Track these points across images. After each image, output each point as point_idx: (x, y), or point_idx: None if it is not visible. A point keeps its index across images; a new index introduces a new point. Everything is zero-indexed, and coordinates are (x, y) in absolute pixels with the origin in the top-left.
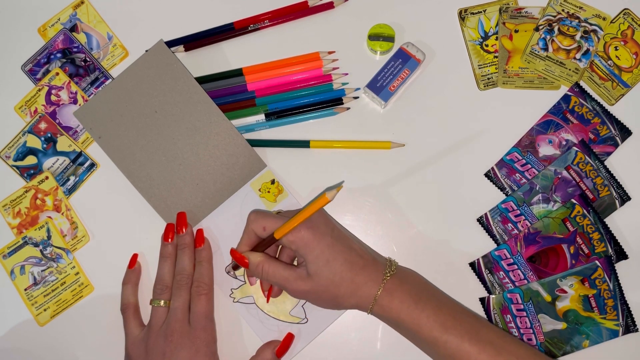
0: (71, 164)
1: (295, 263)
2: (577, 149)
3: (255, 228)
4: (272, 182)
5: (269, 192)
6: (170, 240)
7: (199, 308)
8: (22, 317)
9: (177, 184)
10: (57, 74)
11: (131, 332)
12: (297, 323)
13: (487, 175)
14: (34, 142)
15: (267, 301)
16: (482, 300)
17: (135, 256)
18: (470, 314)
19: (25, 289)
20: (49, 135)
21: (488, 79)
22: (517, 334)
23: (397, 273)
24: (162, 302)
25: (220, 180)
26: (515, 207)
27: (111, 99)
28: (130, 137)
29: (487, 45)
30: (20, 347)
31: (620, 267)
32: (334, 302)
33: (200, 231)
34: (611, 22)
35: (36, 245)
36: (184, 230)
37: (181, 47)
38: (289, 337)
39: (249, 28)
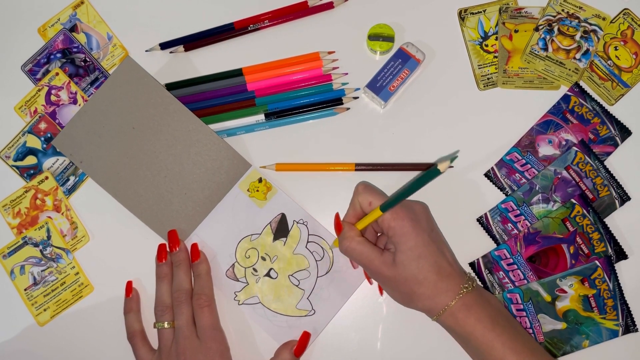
0: (71, 164)
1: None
2: (576, 149)
3: (361, 200)
4: (260, 180)
5: (257, 190)
6: (164, 260)
7: (203, 321)
8: (22, 317)
9: (165, 196)
10: (57, 74)
11: (143, 359)
12: (305, 316)
13: (487, 175)
14: (34, 142)
15: (370, 283)
16: None
17: (129, 284)
18: (545, 352)
19: (25, 289)
20: (49, 135)
21: (488, 79)
22: None
23: (478, 291)
24: (165, 324)
25: (208, 186)
26: (515, 207)
27: (87, 122)
28: (112, 157)
29: (487, 45)
30: (20, 347)
31: (620, 267)
32: (408, 297)
33: (194, 245)
34: (611, 22)
35: (36, 245)
36: (176, 248)
37: (181, 47)
38: (306, 336)
39: (249, 28)
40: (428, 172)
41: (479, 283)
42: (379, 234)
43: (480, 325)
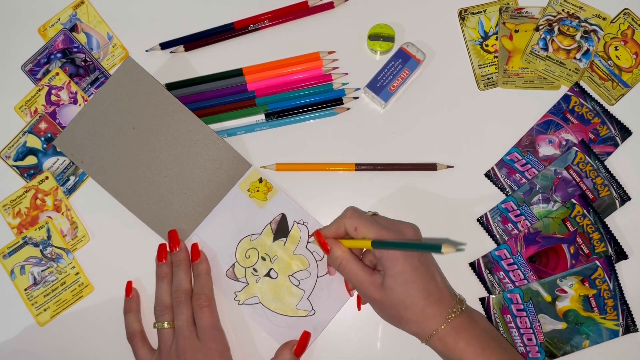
0: (71, 164)
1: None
2: (577, 149)
3: (348, 225)
4: (260, 180)
5: (258, 191)
6: (164, 260)
7: (203, 321)
8: (22, 317)
9: (165, 196)
10: (57, 74)
11: (142, 359)
12: (305, 316)
13: (487, 175)
14: (34, 142)
15: (350, 295)
16: (482, 300)
17: (129, 284)
18: None
19: (25, 289)
20: (49, 135)
21: (488, 79)
22: (517, 334)
23: (467, 314)
24: (165, 324)
25: (208, 186)
26: (515, 207)
27: (88, 122)
28: (113, 157)
29: (487, 45)
30: (20, 347)
31: (620, 267)
32: (396, 321)
33: (195, 245)
34: (611, 22)
35: (36, 245)
36: (176, 248)
37: (181, 47)
38: (306, 336)
39: (249, 28)
40: (431, 245)
41: (468, 305)
42: (364, 250)
43: (470, 349)
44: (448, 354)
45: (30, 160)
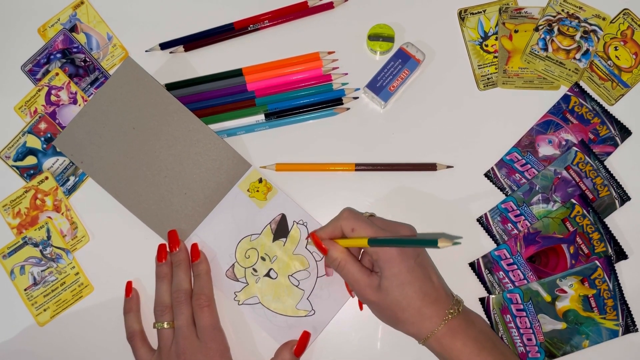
0: (71, 164)
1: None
2: (576, 149)
3: (345, 226)
4: (260, 180)
5: (257, 191)
6: (164, 260)
7: (203, 321)
8: (21, 317)
9: (165, 196)
10: (57, 74)
11: (142, 359)
12: (305, 316)
13: (487, 175)
14: (34, 142)
15: (351, 296)
16: (482, 300)
17: (129, 284)
18: None
19: (25, 289)
20: (49, 135)
21: (488, 79)
22: (517, 334)
23: (463, 315)
24: (165, 324)
25: (208, 186)
26: (515, 207)
27: (87, 122)
28: (113, 157)
29: (486, 46)
30: (20, 347)
31: (620, 267)
32: (393, 321)
33: (194, 245)
34: (611, 22)
35: (36, 245)
36: (176, 248)
37: (181, 47)
38: (306, 336)
39: (249, 28)
40: (427, 240)
41: (465, 306)
42: (362, 250)
43: (467, 350)
44: (445, 354)
45: (30, 160)
